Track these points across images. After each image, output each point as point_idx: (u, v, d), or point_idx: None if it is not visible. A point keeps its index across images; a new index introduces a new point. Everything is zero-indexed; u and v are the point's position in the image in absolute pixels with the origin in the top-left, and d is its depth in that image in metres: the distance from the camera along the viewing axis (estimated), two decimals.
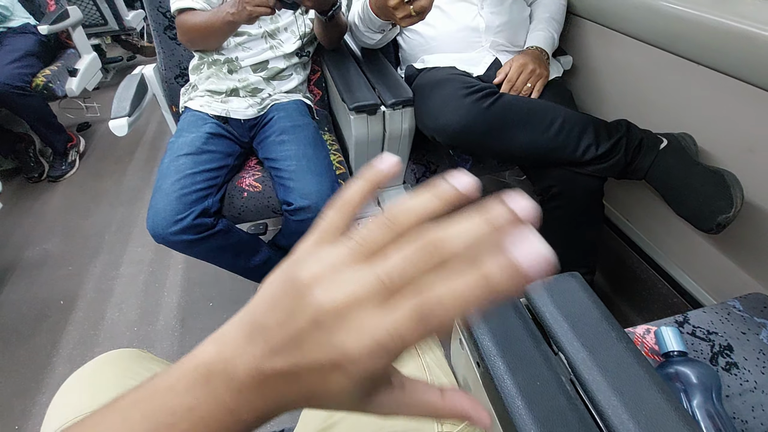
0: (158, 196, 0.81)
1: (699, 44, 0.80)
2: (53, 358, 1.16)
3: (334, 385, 0.17)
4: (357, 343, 0.16)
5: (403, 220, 0.18)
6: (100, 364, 0.50)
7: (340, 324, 0.16)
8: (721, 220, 0.68)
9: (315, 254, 0.19)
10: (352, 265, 0.17)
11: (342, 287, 0.17)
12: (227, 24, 0.83)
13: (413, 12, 0.69)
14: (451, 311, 0.16)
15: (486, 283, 0.15)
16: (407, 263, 0.17)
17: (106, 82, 2.67)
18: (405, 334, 0.16)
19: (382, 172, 0.21)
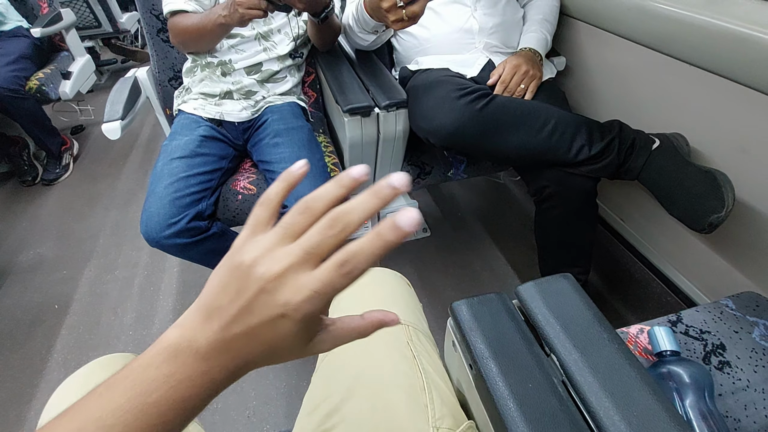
0: (151, 199, 0.81)
1: (691, 45, 0.81)
2: (48, 363, 1.15)
3: (283, 331, 0.23)
4: (297, 295, 0.22)
5: (315, 206, 0.24)
6: (92, 369, 0.50)
7: (281, 287, 0.22)
8: (713, 220, 0.69)
9: (251, 243, 0.24)
10: (282, 245, 0.23)
11: (278, 261, 0.22)
12: (219, 26, 0.83)
13: (405, 17, 0.69)
14: (361, 258, 0.22)
15: (379, 236, 0.22)
16: (321, 234, 0.23)
17: (100, 84, 2.66)
18: (333, 279, 0.22)
19: (295, 175, 0.27)
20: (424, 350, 0.47)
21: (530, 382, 0.38)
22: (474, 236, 1.44)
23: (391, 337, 0.47)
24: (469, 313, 0.44)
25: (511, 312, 0.44)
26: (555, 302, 0.44)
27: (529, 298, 0.45)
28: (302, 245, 0.23)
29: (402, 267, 1.33)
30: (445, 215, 1.53)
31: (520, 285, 0.46)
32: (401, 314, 0.50)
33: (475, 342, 0.41)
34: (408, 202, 1.13)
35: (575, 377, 0.38)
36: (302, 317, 0.22)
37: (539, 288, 0.45)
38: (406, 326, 0.49)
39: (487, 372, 0.39)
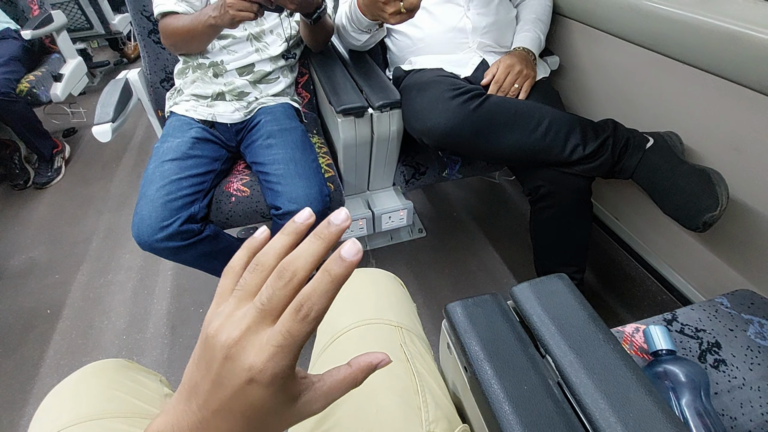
0: (143, 202, 0.80)
1: (684, 43, 0.81)
2: (40, 369, 1.13)
3: (256, 398, 0.22)
4: (260, 355, 0.21)
5: (265, 261, 0.24)
6: (83, 375, 0.49)
7: (243, 350, 0.22)
8: (707, 218, 0.69)
9: (215, 314, 0.24)
10: (239, 308, 0.23)
11: (236, 325, 0.22)
12: (209, 27, 0.82)
13: (403, 9, 0.69)
14: (315, 299, 0.22)
15: (327, 273, 0.22)
16: (272, 287, 0.22)
17: (92, 86, 2.64)
18: (292, 328, 0.21)
19: (258, 240, 0.27)
20: (417, 353, 0.46)
21: (525, 384, 0.37)
22: (469, 236, 1.44)
23: (384, 339, 0.47)
24: (463, 314, 0.43)
25: (506, 313, 0.44)
26: (550, 303, 0.44)
27: (524, 299, 0.44)
28: (256, 303, 0.23)
29: (398, 267, 1.33)
30: (441, 215, 1.53)
31: (516, 285, 0.46)
32: (395, 316, 0.50)
33: (470, 344, 0.41)
34: (403, 203, 1.13)
35: (571, 378, 0.38)
36: (271, 378, 0.21)
37: (534, 289, 0.45)
38: (399, 328, 0.48)
39: (481, 374, 0.38)
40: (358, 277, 0.56)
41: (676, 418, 0.35)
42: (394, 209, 1.12)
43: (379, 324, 0.48)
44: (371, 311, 0.50)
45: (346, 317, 0.50)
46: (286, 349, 0.21)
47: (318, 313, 0.22)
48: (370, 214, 1.11)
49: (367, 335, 0.48)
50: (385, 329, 0.48)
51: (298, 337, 0.22)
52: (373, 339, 0.47)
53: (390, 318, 0.49)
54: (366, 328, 0.48)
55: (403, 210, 1.13)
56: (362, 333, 0.48)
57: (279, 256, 0.24)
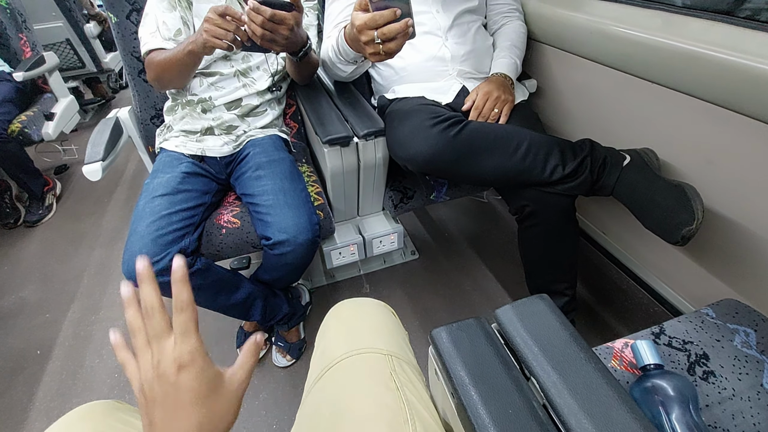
0: (133, 239, 0.81)
1: (651, 64, 0.85)
2: (30, 413, 1.11)
3: (191, 382, 0.33)
4: (174, 349, 0.34)
5: (151, 319, 0.35)
6: (70, 421, 0.49)
7: (165, 357, 0.33)
8: (685, 232, 0.71)
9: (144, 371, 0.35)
10: (147, 351, 0.35)
11: (151, 361, 0.34)
12: (187, 54, 0.83)
13: (382, 51, 0.72)
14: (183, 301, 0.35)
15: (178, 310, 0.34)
16: (150, 325, 0.35)
17: (84, 123, 2.67)
18: (179, 322, 0.34)
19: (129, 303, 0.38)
20: (408, 380, 0.47)
21: (511, 408, 0.38)
22: (462, 256, 1.45)
23: (375, 368, 0.47)
24: (448, 339, 0.44)
25: (490, 336, 0.44)
26: (532, 324, 0.44)
27: (507, 322, 0.45)
28: (150, 337, 0.35)
29: (392, 291, 1.33)
30: (433, 236, 1.54)
31: (510, 303, 0.47)
32: (385, 345, 0.50)
33: (455, 370, 0.41)
34: (393, 227, 1.14)
35: (555, 400, 0.38)
36: (189, 355, 0.33)
37: (516, 311, 0.46)
38: (389, 356, 0.49)
39: (467, 400, 0.39)
40: (350, 307, 0.57)
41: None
42: (385, 233, 1.13)
43: (370, 353, 0.49)
44: (362, 341, 0.50)
45: (338, 347, 0.51)
46: (185, 335, 0.33)
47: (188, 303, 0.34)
48: (361, 239, 1.12)
49: (358, 365, 0.48)
50: (376, 358, 0.49)
51: (185, 324, 0.33)
52: (364, 368, 0.48)
53: (380, 347, 0.50)
54: (357, 358, 0.49)
55: (394, 234, 1.14)
56: (353, 363, 0.48)
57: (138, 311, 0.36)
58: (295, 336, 1.17)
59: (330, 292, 1.35)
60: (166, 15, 0.94)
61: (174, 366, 0.32)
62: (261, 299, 1.00)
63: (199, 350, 0.33)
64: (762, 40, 0.70)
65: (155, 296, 0.35)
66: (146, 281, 0.35)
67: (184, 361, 0.32)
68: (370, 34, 0.69)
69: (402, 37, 0.69)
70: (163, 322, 0.34)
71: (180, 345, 0.33)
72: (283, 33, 0.75)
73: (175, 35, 0.94)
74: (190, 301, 0.35)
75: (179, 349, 0.33)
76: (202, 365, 0.33)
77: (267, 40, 0.75)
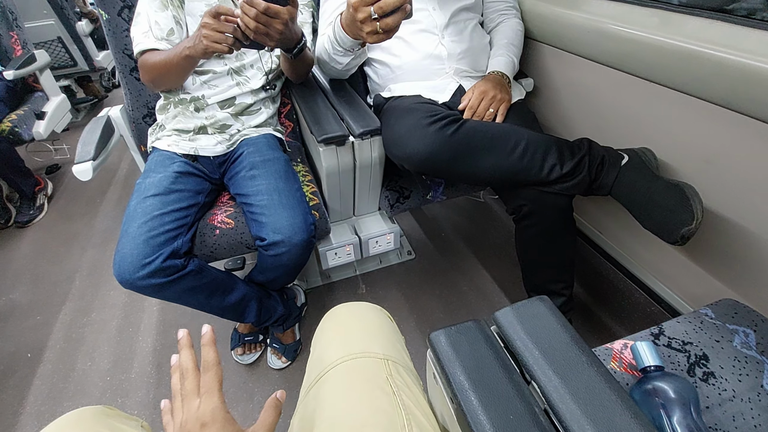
0: (125, 240, 0.79)
1: (649, 63, 0.85)
2: (20, 417, 1.09)
3: None
4: (199, 407, 0.38)
5: (184, 380, 0.40)
6: (60, 427, 0.47)
7: (191, 415, 0.38)
8: (684, 232, 0.70)
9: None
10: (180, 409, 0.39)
11: (185, 415, 0.38)
12: (185, 59, 0.82)
13: (380, 29, 0.70)
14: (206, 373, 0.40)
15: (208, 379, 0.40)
16: (183, 383, 0.40)
17: (76, 122, 2.64)
18: (204, 383, 0.39)
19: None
20: (404, 385, 0.46)
21: (511, 414, 0.37)
22: (459, 256, 1.44)
23: (371, 373, 0.46)
24: (447, 343, 0.43)
25: (490, 339, 0.43)
26: (532, 326, 0.44)
27: (507, 324, 0.44)
28: (183, 394, 0.39)
29: (388, 291, 1.32)
30: (429, 236, 1.54)
31: (507, 303, 0.46)
32: (381, 349, 0.49)
33: (454, 374, 0.40)
34: (389, 227, 1.13)
35: (557, 405, 0.37)
36: (211, 413, 0.36)
37: (516, 313, 0.45)
38: (385, 361, 0.48)
39: (467, 405, 0.38)
40: (345, 311, 0.57)
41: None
42: (381, 233, 1.12)
43: (366, 358, 0.48)
44: (358, 345, 0.50)
45: (334, 352, 0.50)
46: (208, 394, 0.37)
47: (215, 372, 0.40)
48: (356, 239, 1.11)
49: (354, 369, 0.47)
50: (372, 362, 0.48)
51: (209, 383, 0.38)
52: (360, 373, 0.47)
53: (376, 351, 0.49)
54: (353, 363, 0.48)
55: (390, 234, 1.13)
56: (349, 367, 0.47)
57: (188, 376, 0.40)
58: (291, 337, 1.16)
59: (326, 292, 1.34)
60: (159, 14, 0.92)
61: (198, 424, 0.35)
62: (256, 300, 0.99)
63: (220, 409, 0.37)
64: (760, 38, 0.69)
65: (191, 360, 0.40)
66: (185, 348, 0.40)
67: (206, 419, 0.35)
68: (366, 11, 0.68)
69: (399, 13, 0.68)
70: (194, 383, 0.38)
71: (203, 404, 0.36)
72: (277, 27, 0.73)
73: (168, 35, 0.92)
74: (216, 362, 0.39)
75: (202, 407, 0.36)
76: (223, 423, 0.36)
77: (261, 34, 0.74)
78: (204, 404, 0.36)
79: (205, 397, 0.37)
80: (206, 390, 0.37)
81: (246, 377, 1.12)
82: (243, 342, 1.14)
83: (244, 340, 1.14)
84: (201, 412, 0.36)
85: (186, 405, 0.37)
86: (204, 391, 0.37)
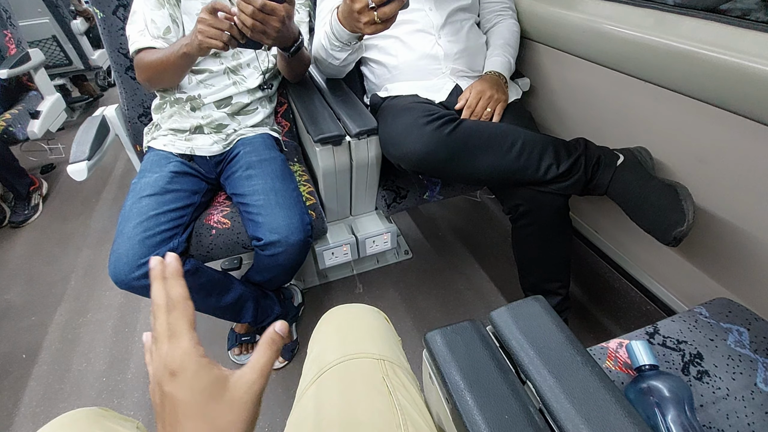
0: (120, 240, 0.79)
1: (644, 63, 0.85)
2: (15, 418, 1.08)
3: (186, 386, 0.30)
4: (166, 353, 0.31)
5: (154, 321, 0.33)
6: (54, 429, 0.47)
7: (157, 364, 0.32)
8: (676, 234, 0.71)
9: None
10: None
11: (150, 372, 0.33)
12: (181, 57, 0.82)
13: (377, 19, 0.70)
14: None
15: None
16: (154, 324, 0.33)
17: (72, 121, 2.62)
18: (167, 324, 0.32)
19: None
20: (400, 385, 0.46)
21: (507, 414, 0.37)
22: (456, 255, 1.44)
23: (367, 373, 0.46)
24: (443, 343, 0.43)
25: (485, 340, 0.44)
26: (528, 326, 0.44)
27: (502, 324, 0.44)
28: (154, 343, 0.33)
29: (385, 291, 1.32)
30: (426, 236, 1.54)
31: (504, 302, 0.46)
32: (377, 349, 0.49)
33: (450, 374, 0.40)
34: (386, 227, 1.13)
35: (552, 405, 0.37)
36: (180, 358, 0.30)
37: (512, 313, 0.45)
38: (381, 361, 0.48)
39: (462, 405, 0.38)
40: (342, 313, 0.57)
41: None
42: (378, 233, 1.12)
43: (362, 358, 0.48)
44: (354, 346, 0.50)
45: (330, 353, 0.50)
46: (174, 336, 0.31)
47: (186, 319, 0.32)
48: (353, 239, 1.11)
49: (350, 369, 0.47)
50: (368, 363, 0.48)
51: (174, 324, 0.31)
52: (356, 373, 0.47)
53: (372, 351, 0.49)
54: (349, 363, 0.48)
55: (387, 233, 1.13)
56: (346, 368, 0.48)
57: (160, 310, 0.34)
58: (288, 337, 1.15)
59: (323, 292, 1.33)
60: (155, 13, 0.91)
61: (166, 373, 0.30)
62: (252, 300, 0.99)
63: (191, 353, 0.30)
64: (754, 38, 0.70)
65: (160, 296, 0.33)
66: (155, 281, 0.34)
67: (174, 366, 0.29)
68: (363, 0, 0.67)
69: (397, 2, 0.67)
70: (164, 324, 0.31)
71: (170, 349, 0.30)
72: (274, 25, 0.73)
73: (164, 34, 0.92)
74: (181, 298, 0.32)
75: (170, 353, 0.30)
76: (196, 370, 0.29)
77: (258, 31, 0.73)
78: (171, 349, 0.30)
79: (172, 341, 0.30)
80: (172, 332, 0.31)
81: None
82: (240, 342, 1.14)
83: (241, 340, 1.14)
84: (169, 359, 0.30)
85: (156, 351, 0.31)
86: (171, 333, 0.31)
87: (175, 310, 0.32)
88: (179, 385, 0.29)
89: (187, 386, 0.29)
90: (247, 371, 0.31)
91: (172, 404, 0.29)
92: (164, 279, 0.34)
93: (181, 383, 0.29)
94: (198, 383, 0.29)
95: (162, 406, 0.30)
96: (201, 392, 0.29)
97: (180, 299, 0.32)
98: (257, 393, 0.31)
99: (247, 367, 0.32)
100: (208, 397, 0.29)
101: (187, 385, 0.29)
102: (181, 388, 0.29)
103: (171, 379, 0.29)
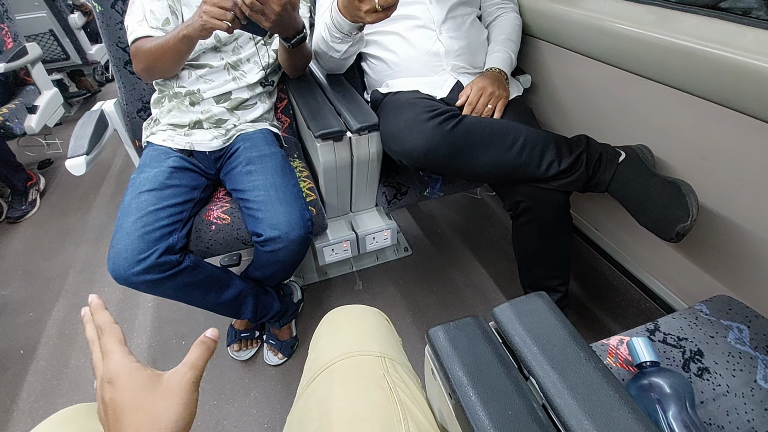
0: (119, 235, 0.78)
1: (647, 60, 0.85)
2: (13, 414, 1.08)
3: (119, 392, 0.34)
4: (102, 370, 0.36)
5: (92, 353, 0.39)
6: (53, 425, 0.47)
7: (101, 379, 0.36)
8: (679, 229, 0.71)
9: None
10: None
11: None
12: (182, 40, 0.81)
13: (378, 7, 0.70)
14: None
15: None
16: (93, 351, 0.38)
17: (69, 116, 2.60)
18: (102, 346, 0.37)
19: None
20: (401, 381, 0.46)
21: (510, 409, 0.37)
22: (455, 252, 1.44)
23: (367, 370, 0.46)
24: (445, 339, 0.43)
25: (488, 335, 0.43)
26: (531, 322, 0.44)
27: (505, 320, 0.44)
28: (94, 370, 0.37)
29: (385, 287, 1.32)
30: (426, 233, 1.54)
31: (503, 300, 0.46)
32: (378, 347, 0.49)
33: (453, 369, 0.40)
34: (386, 224, 1.13)
35: (555, 401, 0.37)
36: (113, 369, 0.34)
37: (515, 309, 0.45)
38: (382, 358, 0.48)
39: (465, 401, 0.38)
40: (343, 313, 0.57)
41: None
42: (378, 230, 1.12)
43: (362, 356, 0.48)
44: (355, 344, 0.50)
45: (331, 351, 0.50)
46: (106, 355, 0.36)
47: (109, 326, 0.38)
48: (353, 235, 1.11)
49: (351, 367, 0.47)
50: (368, 360, 0.48)
51: (104, 345, 0.36)
52: (357, 370, 0.47)
53: (373, 349, 0.49)
54: (349, 361, 0.48)
55: (387, 230, 1.13)
56: (346, 365, 0.48)
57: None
58: (287, 334, 1.15)
59: (322, 289, 1.33)
60: (154, 3, 0.91)
61: (105, 384, 0.34)
62: (252, 297, 0.99)
63: (122, 362, 0.35)
64: (756, 36, 0.70)
65: (93, 334, 0.38)
66: (88, 322, 0.40)
67: (110, 376, 0.34)
68: None
69: None
70: (98, 350, 0.37)
71: (105, 365, 0.35)
72: (273, 7, 0.73)
73: (163, 24, 0.91)
74: (108, 323, 0.38)
75: (106, 367, 0.35)
76: (129, 373, 0.34)
77: (256, 11, 0.73)
78: (106, 364, 0.35)
79: (106, 359, 0.36)
80: (105, 352, 0.36)
81: (242, 373, 1.11)
82: (239, 338, 1.14)
83: (240, 337, 1.14)
84: (105, 372, 0.35)
85: (96, 375, 0.37)
86: (104, 353, 0.36)
87: (104, 334, 0.37)
88: (116, 389, 0.34)
89: (123, 388, 0.34)
90: (179, 366, 0.36)
91: (113, 407, 0.33)
92: (93, 318, 0.39)
93: (117, 388, 0.34)
94: (132, 383, 0.34)
95: (105, 414, 0.33)
96: (137, 390, 0.34)
97: (107, 324, 0.38)
98: (190, 381, 0.35)
99: (180, 363, 0.37)
100: (143, 392, 0.34)
101: (123, 387, 0.34)
102: (119, 391, 0.33)
103: (110, 387, 0.34)
